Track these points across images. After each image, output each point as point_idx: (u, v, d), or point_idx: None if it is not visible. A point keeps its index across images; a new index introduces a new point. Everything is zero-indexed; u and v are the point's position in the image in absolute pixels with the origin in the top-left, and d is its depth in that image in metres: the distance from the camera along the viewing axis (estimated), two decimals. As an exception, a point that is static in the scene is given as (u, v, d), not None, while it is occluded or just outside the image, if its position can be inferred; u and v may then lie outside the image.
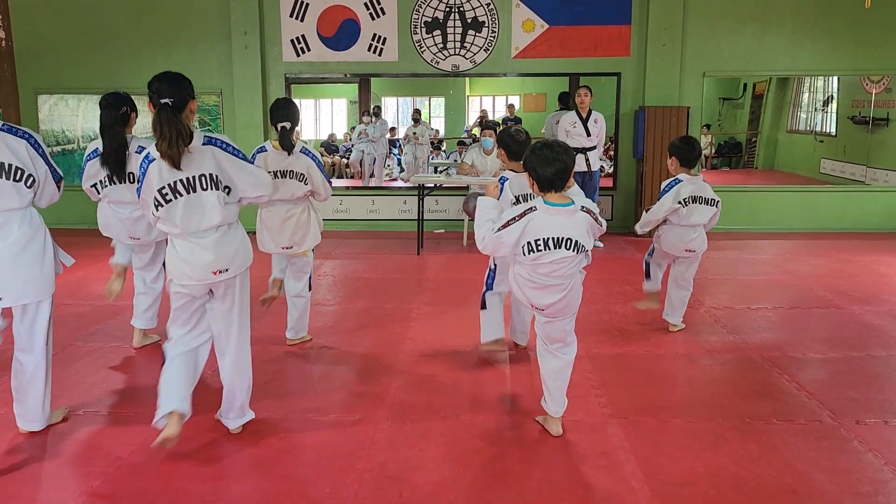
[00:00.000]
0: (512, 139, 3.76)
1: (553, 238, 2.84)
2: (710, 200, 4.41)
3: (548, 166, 2.82)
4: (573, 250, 2.86)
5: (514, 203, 3.58)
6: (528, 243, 2.85)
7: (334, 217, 8.70)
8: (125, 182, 3.89)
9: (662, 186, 4.43)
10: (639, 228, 4.53)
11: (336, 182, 12.58)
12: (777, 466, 2.92)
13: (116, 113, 3.84)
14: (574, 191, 3.19)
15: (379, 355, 4.27)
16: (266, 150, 3.96)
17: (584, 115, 7.47)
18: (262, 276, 4.48)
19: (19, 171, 2.95)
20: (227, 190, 2.89)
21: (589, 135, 7.45)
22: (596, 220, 2.95)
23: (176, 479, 2.84)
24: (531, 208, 2.86)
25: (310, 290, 4.34)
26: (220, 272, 2.90)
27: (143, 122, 8.68)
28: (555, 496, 2.73)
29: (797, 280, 6.09)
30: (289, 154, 3.90)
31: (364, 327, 4.83)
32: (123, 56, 8.46)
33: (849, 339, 4.55)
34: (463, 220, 7.96)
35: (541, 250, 2.85)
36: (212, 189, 2.84)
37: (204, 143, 2.84)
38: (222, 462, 3.00)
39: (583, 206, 2.90)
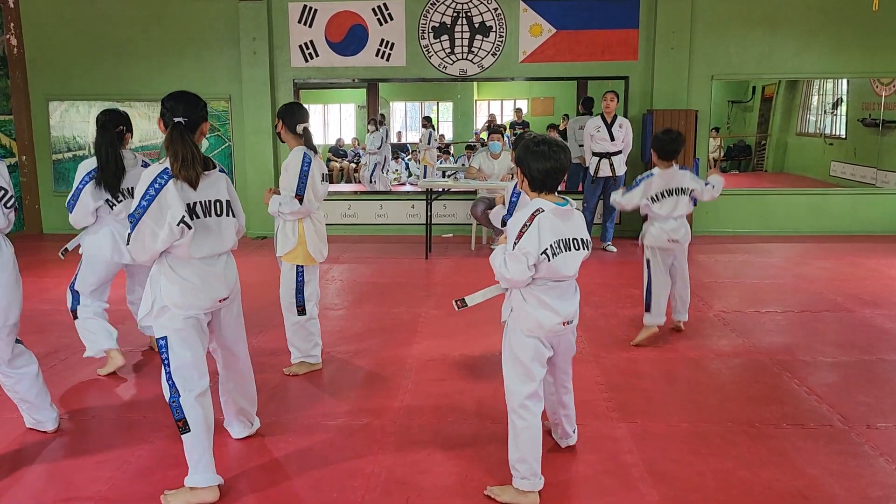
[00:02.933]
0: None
1: (573, 239, 2.62)
2: (684, 190, 4.30)
3: (542, 163, 2.58)
4: (584, 248, 2.68)
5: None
6: (550, 246, 2.56)
7: (342, 222, 8.72)
8: (121, 199, 3.85)
9: (637, 178, 4.39)
10: (613, 199, 4.52)
11: (344, 187, 12.62)
12: (787, 471, 2.91)
13: (113, 131, 3.80)
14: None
15: (387, 360, 4.28)
16: (311, 159, 3.84)
17: (610, 120, 7.45)
18: (257, 281, 4.48)
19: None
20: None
21: (613, 140, 7.44)
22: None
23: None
24: (538, 210, 2.59)
25: (297, 313, 3.97)
26: (223, 300, 2.82)
27: (143, 126, 8.76)
28: (562, 500, 2.72)
29: (807, 283, 6.05)
30: (315, 153, 3.88)
31: (372, 331, 4.84)
32: (133, 63, 8.52)
33: (859, 343, 4.51)
34: (471, 224, 7.96)
35: (561, 251, 2.58)
36: (228, 215, 2.81)
37: (220, 171, 2.81)
38: (230, 466, 3.00)
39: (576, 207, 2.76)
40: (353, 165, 13.49)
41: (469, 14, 8.30)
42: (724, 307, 5.34)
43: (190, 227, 2.58)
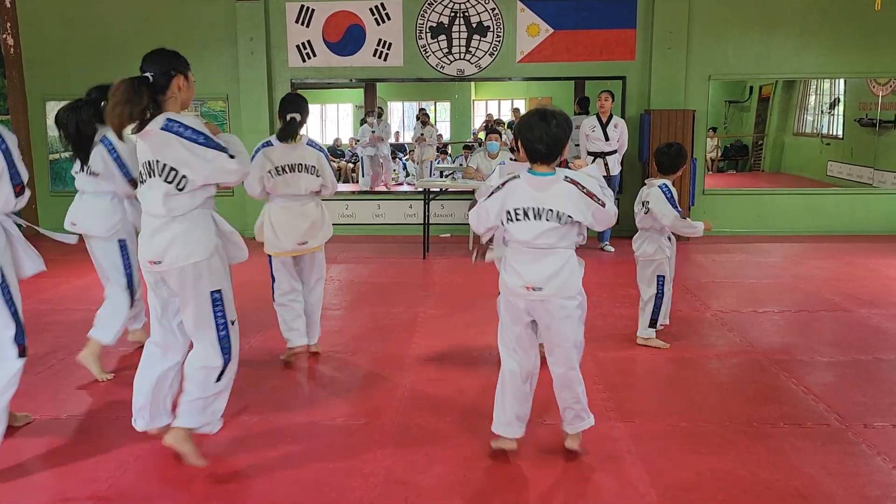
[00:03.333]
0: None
1: (533, 208, 2.69)
2: (644, 203, 4.29)
3: (536, 134, 2.67)
4: (556, 220, 2.68)
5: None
6: (508, 212, 2.74)
7: (340, 221, 8.71)
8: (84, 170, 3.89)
9: (664, 200, 4.21)
10: (687, 231, 4.32)
11: (342, 187, 12.60)
12: (784, 470, 2.91)
13: (95, 108, 3.82)
14: (588, 170, 2.89)
15: (385, 359, 4.28)
16: (272, 145, 3.90)
17: (605, 120, 7.45)
18: (258, 280, 4.47)
19: None
20: (181, 180, 2.68)
21: (608, 139, 7.44)
22: (589, 194, 2.69)
23: (182, 484, 2.84)
24: (515, 177, 2.77)
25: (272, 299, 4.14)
26: (154, 263, 2.73)
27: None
28: (561, 500, 2.72)
29: (804, 283, 6.07)
30: (290, 141, 3.85)
31: (370, 331, 4.84)
32: (131, 62, 8.35)
33: (856, 343, 4.53)
34: (469, 224, 7.95)
35: (520, 219, 2.71)
36: (157, 177, 2.69)
37: (162, 128, 2.65)
38: (228, 467, 3.00)
39: (566, 177, 2.71)
40: (351, 165, 13.49)
41: (466, 14, 8.30)
42: (722, 307, 5.35)
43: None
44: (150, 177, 2.71)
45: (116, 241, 3.95)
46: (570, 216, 2.69)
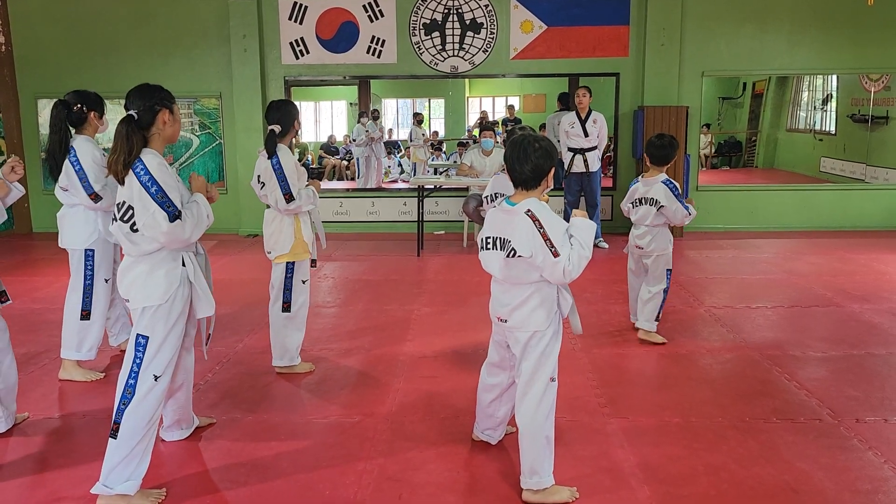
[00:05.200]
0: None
1: (492, 238, 2.63)
2: (649, 200, 4.32)
3: (516, 164, 2.59)
4: (506, 254, 2.56)
5: (487, 199, 4.25)
6: (481, 240, 2.71)
7: (334, 219, 8.70)
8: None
9: (672, 195, 4.26)
10: (685, 220, 4.39)
11: (335, 184, 12.60)
12: (777, 465, 2.93)
13: (68, 110, 3.78)
14: (577, 220, 2.62)
15: (379, 357, 4.28)
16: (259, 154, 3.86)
17: (584, 116, 7.46)
18: (251, 279, 4.48)
19: None
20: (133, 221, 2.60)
21: (587, 135, 7.44)
22: (544, 236, 2.48)
23: (175, 481, 2.84)
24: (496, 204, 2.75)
25: (283, 310, 3.89)
26: (127, 301, 2.69)
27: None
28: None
29: (797, 279, 6.09)
30: (269, 158, 3.72)
31: (364, 329, 4.84)
32: (123, 60, 8.48)
33: (848, 338, 4.55)
34: (463, 221, 7.97)
35: (488, 248, 2.66)
36: (119, 221, 2.63)
37: (132, 167, 2.58)
38: (223, 464, 3.00)
39: (528, 210, 2.54)
40: (345, 163, 13.47)
41: (460, 10, 8.30)
42: (715, 303, 5.37)
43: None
44: (116, 219, 2.67)
45: (83, 250, 3.90)
46: (515, 251, 2.52)
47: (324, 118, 16.75)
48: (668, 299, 4.66)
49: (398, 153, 13.64)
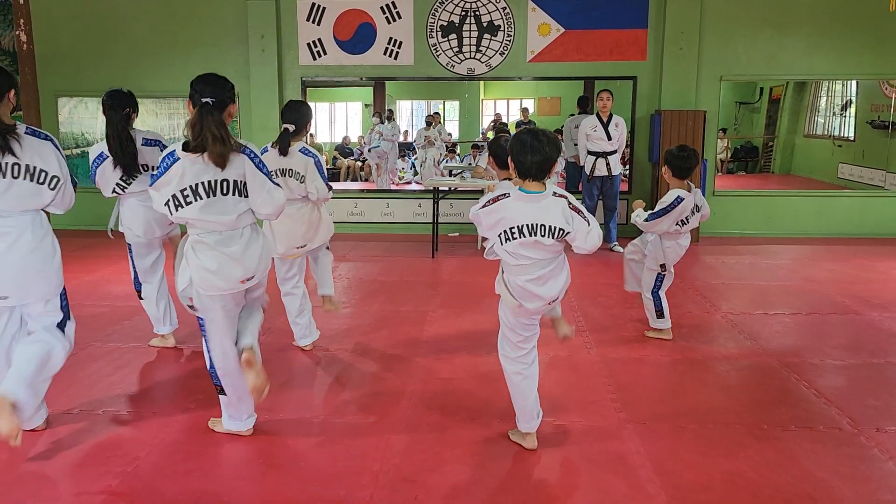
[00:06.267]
0: (500, 148, 3.65)
1: (528, 225, 2.77)
2: (698, 207, 4.38)
3: (529, 154, 2.74)
4: (549, 236, 2.78)
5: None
6: (505, 231, 2.80)
7: (349, 220, 8.73)
8: (139, 175, 3.98)
9: (662, 203, 4.26)
10: (634, 219, 4.43)
11: (350, 185, 12.63)
12: (795, 473, 2.90)
13: (121, 113, 3.90)
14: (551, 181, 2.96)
15: (394, 358, 4.28)
16: (268, 150, 3.98)
17: (606, 119, 7.43)
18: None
19: (43, 174, 2.97)
20: (248, 195, 2.92)
21: (610, 139, 7.41)
22: (575, 209, 2.81)
23: (193, 479, 2.86)
24: (505, 195, 2.80)
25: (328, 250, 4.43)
26: (248, 280, 2.95)
27: (151, 122, 8.80)
28: (570, 500, 2.72)
29: (815, 286, 6.03)
30: (283, 155, 3.93)
31: (379, 330, 4.84)
32: (142, 59, 8.55)
33: (868, 346, 4.50)
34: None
35: (516, 238, 2.79)
36: (234, 195, 2.87)
37: (241, 151, 2.85)
38: (238, 463, 3.01)
39: (554, 192, 2.81)
40: (360, 164, 13.51)
41: (477, 13, 8.30)
42: (732, 309, 5.33)
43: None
44: (212, 195, 2.85)
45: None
46: (561, 229, 2.78)
47: (339, 119, 16.81)
48: (684, 304, 4.66)
49: (412, 155, 13.66)
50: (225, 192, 2.84)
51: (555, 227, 2.77)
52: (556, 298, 2.94)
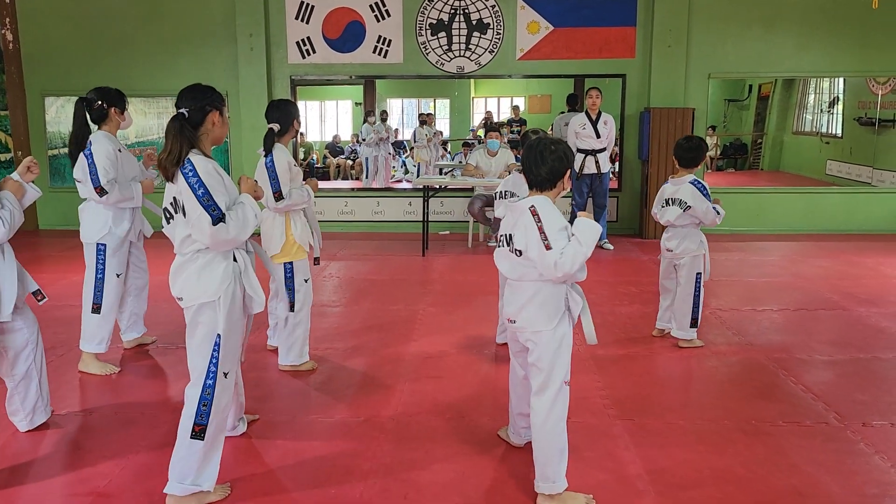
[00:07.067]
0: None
1: (504, 235, 2.68)
2: (677, 201, 4.25)
3: (535, 164, 2.62)
4: (510, 250, 2.62)
5: (497, 195, 4.22)
6: (502, 236, 2.71)
7: (339, 219, 8.71)
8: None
9: (700, 196, 4.20)
10: (717, 220, 4.31)
11: (341, 184, 12.61)
12: (783, 468, 2.92)
13: (88, 107, 3.90)
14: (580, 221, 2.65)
15: (384, 357, 4.28)
16: (274, 157, 3.83)
17: (594, 117, 7.44)
18: (263, 278, 4.49)
19: None
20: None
21: (599, 136, 7.43)
22: (540, 230, 2.51)
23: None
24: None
25: (290, 310, 3.95)
26: (179, 298, 2.66)
27: (140, 122, 8.75)
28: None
29: (803, 282, 6.07)
30: (265, 155, 3.80)
31: (369, 328, 4.84)
32: (130, 59, 8.50)
33: (855, 341, 4.53)
34: (468, 221, 7.96)
35: (499, 246, 2.72)
36: (179, 214, 2.61)
37: (181, 168, 2.58)
38: (227, 463, 3.00)
39: (531, 205, 2.59)
40: (350, 162, 13.49)
41: (466, 11, 8.29)
42: (721, 305, 5.36)
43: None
44: (174, 216, 2.65)
45: (95, 244, 3.96)
46: (518, 249, 2.58)
47: (329, 118, 16.77)
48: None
49: (403, 153, 13.66)
50: (176, 210, 2.62)
51: (515, 242, 2.60)
52: (513, 320, 2.69)
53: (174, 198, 2.62)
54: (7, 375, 3.16)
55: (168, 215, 2.66)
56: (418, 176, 11.21)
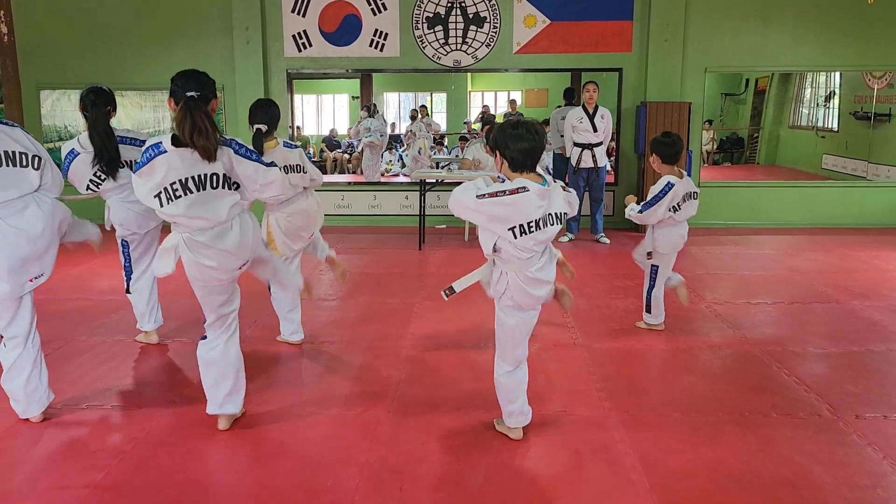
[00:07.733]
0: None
1: (542, 217, 2.77)
2: (693, 194, 4.38)
3: (520, 143, 2.73)
4: (557, 222, 2.87)
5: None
6: (521, 226, 2.74)
7: (336, 212, 8.71)
8: (117, 176, 3.95)
9: (654, 191, 4.29)
10: (628, 213, 4.43)
11: (338, 178, 12.59)
12: (775, 460, 2.94)
13: (104, 110, 3.89)
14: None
15: (380, 350, 4.30)
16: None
17: (591, 111, 7.45)
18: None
19: (23, 156, 3.01)
20: (236, 187, 2.93)
21: (596, 130, 7.43)
22: (565, 189, 2.96)
23: (178, 472, 2.86)
24: (524, 187, 2.72)
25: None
26: (244, 265, 3.02)
27: (136, 115, 8.73)
28: (555, 489, 2.75)
29: (798, 275, 6.10)
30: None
31: (366, 322, 4.85)
32: (126, 51, 8.47)
33: (849, 334, 4.56)
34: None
35: (532, 231, 2.76)
36: (224, 188, 2.88)
37: (225, 144, 2.86)
38: (224, 456, 3.02)
39: (562, 185, 2.95)
40: (347, 156, 13.47)
41: (463, 4, 8.28)
42: (716, 298, 5.38)
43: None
44: (202, 189, 2.86)
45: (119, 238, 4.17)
46: (564, 213, 2.91)
47: (325, 111, 16.73)
48: (669, 294, 4.68)
49: (400, 147, 13.64)
50: (214, 185, 2.85)
51: (560, 213, 2.86)
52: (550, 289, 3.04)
53: (216, 174, 2.83)
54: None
55: (187, 191, 2.79)
56: (403, 167, 11.16)
